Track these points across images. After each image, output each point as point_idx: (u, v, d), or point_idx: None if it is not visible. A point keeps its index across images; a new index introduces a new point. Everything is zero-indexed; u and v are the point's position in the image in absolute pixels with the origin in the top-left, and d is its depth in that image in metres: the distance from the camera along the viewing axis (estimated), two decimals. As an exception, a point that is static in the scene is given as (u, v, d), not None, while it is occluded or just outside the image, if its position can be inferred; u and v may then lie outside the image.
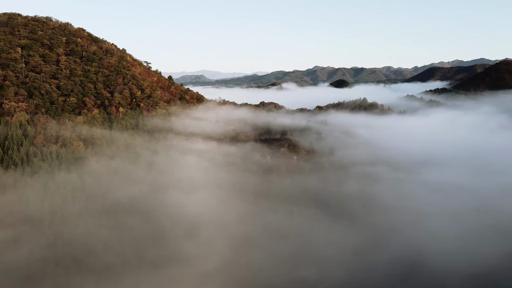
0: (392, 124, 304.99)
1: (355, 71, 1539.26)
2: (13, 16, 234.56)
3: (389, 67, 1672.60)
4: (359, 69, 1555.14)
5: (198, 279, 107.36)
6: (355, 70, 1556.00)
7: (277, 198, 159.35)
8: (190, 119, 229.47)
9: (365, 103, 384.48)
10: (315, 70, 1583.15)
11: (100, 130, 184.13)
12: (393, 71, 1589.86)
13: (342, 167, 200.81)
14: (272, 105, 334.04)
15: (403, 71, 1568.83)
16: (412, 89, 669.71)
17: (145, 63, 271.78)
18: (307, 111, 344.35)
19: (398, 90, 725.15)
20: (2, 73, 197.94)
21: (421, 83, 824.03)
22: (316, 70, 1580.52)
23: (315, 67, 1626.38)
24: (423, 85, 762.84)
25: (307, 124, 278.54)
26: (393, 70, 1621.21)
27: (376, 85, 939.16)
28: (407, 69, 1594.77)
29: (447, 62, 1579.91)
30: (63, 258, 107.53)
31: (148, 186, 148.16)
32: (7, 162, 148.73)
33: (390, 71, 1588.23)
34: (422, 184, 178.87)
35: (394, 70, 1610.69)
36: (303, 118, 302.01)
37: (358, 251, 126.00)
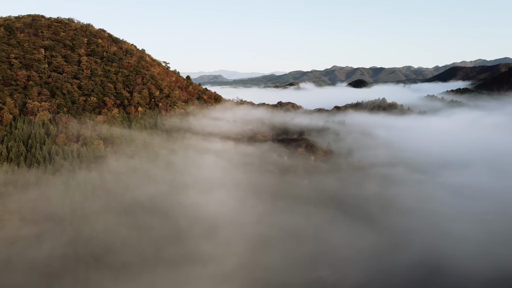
0: (412, 125, 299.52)
1: (374, 71, 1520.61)
2: (37, 18, 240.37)
3: (409, 66, 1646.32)
4: (378, 69, 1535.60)
5: (216, 279, 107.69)
6: (374, 70, 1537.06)
7: (294, 198, 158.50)
8: (207, 118, 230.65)
9: (384, 103, 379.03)
10: (333, 70, 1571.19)
11: (119, 129, 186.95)
12: (413, 71, 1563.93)
13: (360, 168, 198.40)
14: (289, 105, 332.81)
15: (424, 70, 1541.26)
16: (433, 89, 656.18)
17: (163, 63, 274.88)
18: (325, 111, 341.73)
19: (418, 90, 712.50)
20: (26, 73, 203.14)
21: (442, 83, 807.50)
22: (334, 70, 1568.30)
23: (333, 67, 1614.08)
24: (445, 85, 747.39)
25: (325, 124, 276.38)
26: (413, 69, 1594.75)
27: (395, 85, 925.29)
28: (427, 69, 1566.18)
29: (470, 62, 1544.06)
30: (83, 256, 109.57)
31: (166, 186, 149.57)
32: (30, 160, 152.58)
33: (410, 71, 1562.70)
34: (443, 186, 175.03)
35: (414, 70, 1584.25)
36: (321, 118, 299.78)
37: (377, 253, 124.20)
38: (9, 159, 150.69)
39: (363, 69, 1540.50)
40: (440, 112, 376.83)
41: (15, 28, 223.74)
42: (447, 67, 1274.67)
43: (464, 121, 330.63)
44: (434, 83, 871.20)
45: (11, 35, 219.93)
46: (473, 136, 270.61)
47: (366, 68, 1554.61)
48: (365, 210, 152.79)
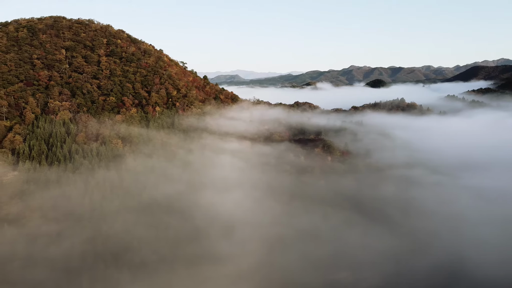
0: (431, 126, 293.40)
1: (393, 71, 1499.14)
2: (58, 19, 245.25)
3: (428, 66, 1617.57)
4: (396, 68, 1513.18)
5: (232, 278, 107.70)
6: (393, 69, 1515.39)
7: (311, 199, 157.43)
8: (224, 118, 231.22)
9: (403, 103, 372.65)
10: (351, 69, 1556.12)
11: (137, 128, 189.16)
12: (433, 71, 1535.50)
13: (378, 169, 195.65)
14: (306, 105, 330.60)
15: (444, 70, 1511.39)
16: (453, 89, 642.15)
17: (181, 63, 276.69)
18: (342, 112, 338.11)
19: (438, 90, 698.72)
20: (48, 73, 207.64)
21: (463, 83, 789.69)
22: (352, 69, 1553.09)
23: (351, 67, 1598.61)
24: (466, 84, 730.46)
25: (342, 124, 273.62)
26: (433, 69, 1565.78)
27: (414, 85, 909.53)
28: (448, 68, 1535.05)
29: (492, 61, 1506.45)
30: (102, 253, 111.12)
31: (183, 185, 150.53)
32: (51, 159, 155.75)
33: (430, 71, 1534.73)
34: (464, 188, 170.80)
35: (434, 70, 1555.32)
36: (338, 118, 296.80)
37: (396, 256, 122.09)
38: (31, 157, 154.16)
39: (381, 69, 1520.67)
40: (461, 112, 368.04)
41: (38, 30, 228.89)
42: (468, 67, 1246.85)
43: (486, 122, 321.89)
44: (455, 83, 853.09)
45: (34, 36, 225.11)
46: (495, 138, 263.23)
47: (385, 68, 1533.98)
48: (383, 212, 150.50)
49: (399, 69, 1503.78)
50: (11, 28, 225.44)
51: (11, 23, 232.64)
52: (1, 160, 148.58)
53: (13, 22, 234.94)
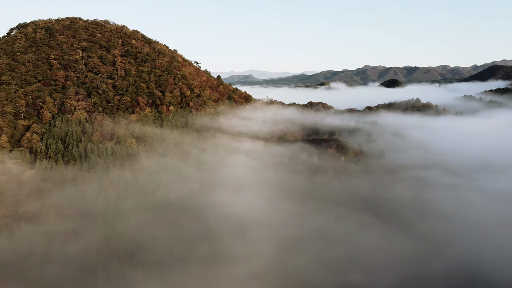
0: (447, 126, 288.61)
1: (408, 71, 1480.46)
2: (75, 20, 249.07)
3: (445, 65, 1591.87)
4: (412, 68, 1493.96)
5: (245, 278, 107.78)
6: (408, 69, 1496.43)
7: (324, 200, 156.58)
8: (237, 118, 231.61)
9: (418, 103, 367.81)
10: (365, 69, 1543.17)
11: (151, 128, 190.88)
12: (449, 70, 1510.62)
13: (392, 170, 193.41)
14: (320, 105, 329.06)
15: (461, 70, 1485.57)
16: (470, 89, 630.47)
17: (195, 63, 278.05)
18: (356, 112, 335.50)
19: (455, 90, 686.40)
20: (64, 73, 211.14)
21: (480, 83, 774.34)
22: (366, 69, 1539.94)
23: (365, 67, 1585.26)
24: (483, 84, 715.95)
25: (356, 125, 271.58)
26: (450, 69, 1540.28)
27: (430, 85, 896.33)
28: (465, 68, 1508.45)
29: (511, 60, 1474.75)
30: (116, 251, 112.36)
31: (197, 185, 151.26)
32: (67, 157, 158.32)
33: (446, 70, 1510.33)
34: (480, 191, 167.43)
35: (451, 69, 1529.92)
36: (352, 118, 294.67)
37: (410, 258, 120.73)
38: (48, 156, 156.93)
39: (396, 69, 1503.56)
40: (478, 113, 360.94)
41: (55, 31, 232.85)
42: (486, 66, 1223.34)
43: (504, 122, 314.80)
44: (472, 82, 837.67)
45: (51, 37, 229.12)
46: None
47: (400, 68, 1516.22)
48: (397, 214, 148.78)
49: (414, 68, 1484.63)
50: (29, 29, 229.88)
51: (29, 25, 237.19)
52: (19, 158, 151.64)
53: (31, 23, 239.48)
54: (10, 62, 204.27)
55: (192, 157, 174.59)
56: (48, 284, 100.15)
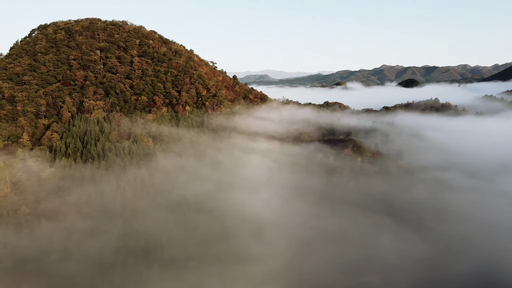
0: (467, 127, 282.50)
1: (427, 70, 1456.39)
2: (94, 21, 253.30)
3: (465, 65, 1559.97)
4: (430, 67, 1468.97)
5: (260, 279, 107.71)
6: (427, 69, 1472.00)
7: (340, 200, 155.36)
8: (253, 118, 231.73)
9: (437, 103, 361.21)
10: (382, 69, 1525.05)
11: (167, 127, 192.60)
12: (469, 70, 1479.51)
13: (410, 172, 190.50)
14: (336, 105, 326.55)
15: (481, 69, 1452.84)
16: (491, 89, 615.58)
17: (211, 63, 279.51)
18: (373, 112, 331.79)
19: (475, 90, 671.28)
20: (83, 73, 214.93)
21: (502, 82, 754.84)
22: (383, 69, 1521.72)
23: (383, 66, 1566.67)
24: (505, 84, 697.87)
25: (373, 125, 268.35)
26: (470, 68, 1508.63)
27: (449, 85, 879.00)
28: (485, 67, 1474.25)
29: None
30: (133, 249, 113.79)
31: (213, 184, 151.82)
32: (85, 156, 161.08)
33: (466, 70, 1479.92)
34: (501, 193, 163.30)
35: (471, 69, 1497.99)
36: (368, 119, 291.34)
37: (427, 262, 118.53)
38: (67, 154, 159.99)
39: (415, 68, 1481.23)
40: (499, 113, 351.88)
41: (75, 31, 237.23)
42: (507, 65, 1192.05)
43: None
44: (493, 82, 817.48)
45: (71, 38, 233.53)
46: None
47: (418, 67, 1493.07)
48: (414, 216, 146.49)
49: (433, 68, 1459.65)
50: (50, 30, 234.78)
51: (50, 26, 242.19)
52: (40, 157, 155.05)
53: (52, 24, 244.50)
54: (31, 62, 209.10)
55: (208, 157, 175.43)
56: (67, 280, 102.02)
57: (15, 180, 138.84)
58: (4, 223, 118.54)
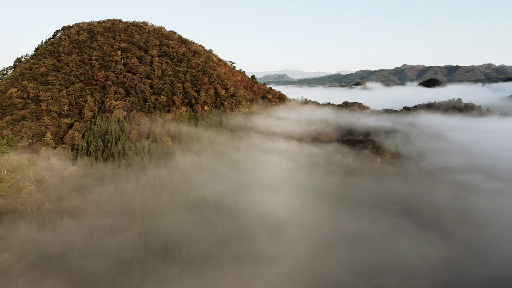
0: (491, 128, 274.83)
1: (449, 70, 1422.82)
2: (115, 22, 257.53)
3: (489, 64, 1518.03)
4: (453, 67, 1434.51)
5: (279, 279, 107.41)
6: (449, 68, 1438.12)
7: (359, 202, 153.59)
8: (272, 118, 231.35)
9: (459, 104, 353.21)
10: (403, 69, 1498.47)
11: (186, 127, 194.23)
12: (494, 69, 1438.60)
13: (431, 174, 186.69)
14: (356, 105, 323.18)
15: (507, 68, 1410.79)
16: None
17: (229, 63, 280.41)
18: (393, 112, 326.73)
19: (500, 90, 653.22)
20: (105, 74, 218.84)
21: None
22: (404, 69, 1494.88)
23: (403, 66, 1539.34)
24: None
25: (393, 125, 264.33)
26: (495, 67, 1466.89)
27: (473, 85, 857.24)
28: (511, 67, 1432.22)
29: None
30: (152, 247, 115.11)
31: (231, 184, 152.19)
32: (106, 155, 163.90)
33: (491, 69, 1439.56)
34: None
35: (496, 68, 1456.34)
36: (388, 119, 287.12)
37: (448, 266, 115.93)
38: (89, 153, 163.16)
39: (436, 68, 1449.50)
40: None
41: (96, 32, 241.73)
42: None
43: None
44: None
45: (93, 38, 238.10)
46: None
47: (440, 67, 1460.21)
48: (435, 219, 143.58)
49: (456, 67, 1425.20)
50: (73, 31, 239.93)
51: (73, 27, 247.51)
52: (62, 155, 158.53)
53: (75, 25, 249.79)
54: (55, 63, 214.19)
55: (227, 157, 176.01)
56: (87, 276, 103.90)
57: (39, 177, 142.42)
58: (29, 220, 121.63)
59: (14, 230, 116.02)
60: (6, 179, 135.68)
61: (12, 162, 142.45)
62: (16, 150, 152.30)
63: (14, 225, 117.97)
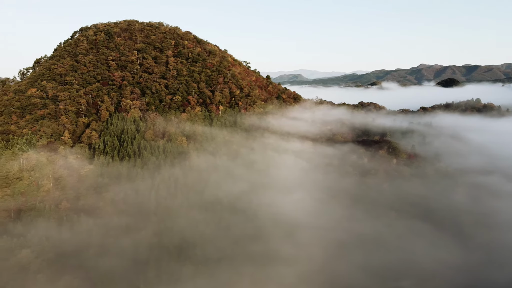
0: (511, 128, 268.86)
1: (468, 69, 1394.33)
2: (132, 23, 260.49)
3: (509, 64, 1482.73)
4: (472, 66, 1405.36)
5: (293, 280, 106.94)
6: (468, 68, 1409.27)
7: (374, 203, 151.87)
8: (286, 118, 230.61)
9: (478, 104, 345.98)
10: (420, 68, 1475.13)
11: (201, 127, 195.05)
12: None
13: (449, 175, 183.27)
14: (371, 106, 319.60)
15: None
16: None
17: (244, 63, 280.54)
18: (410, 112, 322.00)
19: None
20: (121, 74, 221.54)
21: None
22: (421, 68, 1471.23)
23: (421, 65, 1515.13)
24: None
25: (410, 126, 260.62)
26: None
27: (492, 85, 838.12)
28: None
29: None
30: (167, 246, 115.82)
31: (245, 184, 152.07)
32: (122, 154, 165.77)
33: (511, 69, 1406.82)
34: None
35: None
36: (405, 119, 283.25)
37: (466, 270, 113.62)
38: (105, 152, 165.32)
39: (455, 67, 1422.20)
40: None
41: (113, 33, 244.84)
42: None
43: None
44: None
45: (110, 39, 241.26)
46: None
47: (458, 66, 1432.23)
48: (453, 222, 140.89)
49: (474, 67, 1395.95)
50: (90, 32, 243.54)
51: (91, 28, 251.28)
52: (80, 154, 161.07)
53: (92, 26, 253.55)
54: (73, 63, 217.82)
55: (241, 157, 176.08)
56: (103, 274, 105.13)
57: (57, 176, 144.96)
58: (47, 217, 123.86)
59: (33, 227, 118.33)
60: (25, 177, 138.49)
61: (32, 161, 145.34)
62: (35, 149, 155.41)
63: (33, 223, 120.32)
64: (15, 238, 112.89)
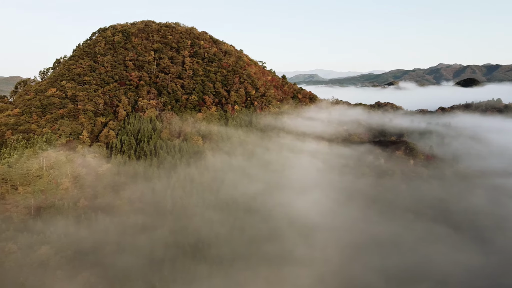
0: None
1: (488, 69, 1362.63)
2: (149, 23, 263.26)
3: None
4: (493, 66, 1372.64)
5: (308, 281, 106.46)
6: (488, 67, 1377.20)
7: (390, 205, 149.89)
8: (302, 118, 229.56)
9: (499, 104, 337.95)
10: (439, 68, 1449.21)
11: (217, 126, 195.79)
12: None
13: (468, 177, 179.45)
14: (388, 106, 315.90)
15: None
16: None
17: (260, 63, 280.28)
18: (428, 113, 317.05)
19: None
20: (138, 74, 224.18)
21: None
22: (440, 68, 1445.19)
23: (439, 65, 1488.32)
24: None
25: (428, 126, 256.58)
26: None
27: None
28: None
29: None
30: (182, 245, 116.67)
31: (261, 184, 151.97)
32: (139, 153, 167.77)
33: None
34: None
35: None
36: (423, 120, 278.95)
37: (485, 273, 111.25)
38: (122, 151, 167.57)
39: (475, 67, 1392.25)
40: None
41: (131, 34, 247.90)
42: None
43: None
44: None
45: (127, 40, 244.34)
46: None
47: (479, 66, 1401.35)
48: (472, 225, 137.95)
49: (495, 66, 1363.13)
50: (108, 33, 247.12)
51: (109, 28, 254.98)
52: (97, 153, 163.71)
53: (110, 27, 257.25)
54: (91, 63, 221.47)
55: (257, 156, 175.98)
56: (120, 272, 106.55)
57: (75, 174, 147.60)
58: (65, 215, 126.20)
59: (52, 224, 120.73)
60: (45, 175, 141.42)
61: (51, 159, 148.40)
62: (54, 148, 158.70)
63: (52, 220, 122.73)
64: (35, 235, 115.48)
